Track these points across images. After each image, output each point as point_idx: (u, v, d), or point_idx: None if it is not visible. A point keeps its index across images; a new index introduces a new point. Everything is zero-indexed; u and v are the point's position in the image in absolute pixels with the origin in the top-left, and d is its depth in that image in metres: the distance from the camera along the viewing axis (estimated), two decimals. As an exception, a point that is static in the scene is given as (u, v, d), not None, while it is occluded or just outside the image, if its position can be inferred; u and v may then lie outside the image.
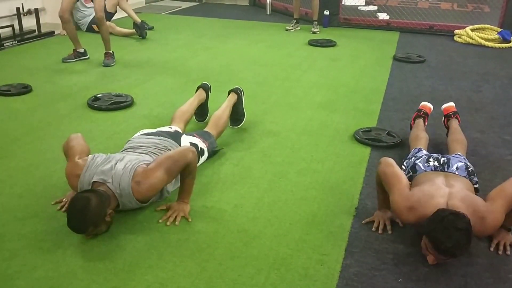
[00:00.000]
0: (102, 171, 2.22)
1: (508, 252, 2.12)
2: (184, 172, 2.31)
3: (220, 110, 3.13)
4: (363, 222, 2.30)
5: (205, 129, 2.98)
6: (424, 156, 2.46)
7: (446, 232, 1.88)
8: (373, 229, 2.25)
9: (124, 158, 2.30)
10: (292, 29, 6.63)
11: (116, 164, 2.25)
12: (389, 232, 2.23)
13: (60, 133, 3.20)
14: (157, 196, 2.40)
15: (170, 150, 2.48)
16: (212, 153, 2.90)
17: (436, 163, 2.36)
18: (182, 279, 1.92)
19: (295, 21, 6.67)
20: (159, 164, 2.22)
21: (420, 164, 2.40)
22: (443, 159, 2.38)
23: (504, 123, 3.59)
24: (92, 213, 2.04)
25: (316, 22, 6.49)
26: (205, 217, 2.33)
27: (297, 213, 2.38)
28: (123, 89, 4.09)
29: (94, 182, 2.20)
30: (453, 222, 1.89)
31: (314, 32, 6.41)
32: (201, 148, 2.74)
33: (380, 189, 2.30)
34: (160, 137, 2.60)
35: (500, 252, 2.12)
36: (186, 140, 2.69)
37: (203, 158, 2.77)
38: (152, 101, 3.89)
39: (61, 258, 2.02)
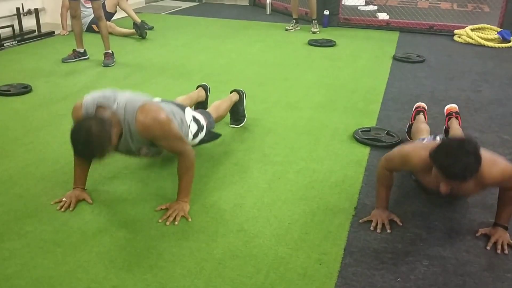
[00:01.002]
0: (107, 95, 2.24)
1: (506, 251, 2.13)
2: (182, 168, 2.32)
3: (220, 101, 3.16)
4: (360, 221, 2.31)
5: (205, 110, 3.01)
6: (430, 138, 2.48)
7: (453, 156, 1.86)
8: (371, 228, 2.25)
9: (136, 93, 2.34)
10: (292, 29, 6.63)
11: (124, 92, 2.29)
12: (388, 231, 2.23)
13: (59, 133, 3.20)
14: (152, 150, 2.39)
15: (174, 113, 2.50)
16: (210, 136, 2.88)
17: (443, 136, 2.39)
18: (181, 278, 1.93)
19: (294, 21, 6.67)
20: (167, 114, 2.29)
21: (427, 139, 2.41)
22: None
23: (504, 123, 3.59)
24: (96, 140, 2.03)
25: (316, 21, 6.48)
26: (205, 216, 2.34)
27: (296, 213, 2.39)
28: (122, 89, 4.08)
29: (99, 107, 2.20)
30: (460, 146, 1.88)
31: (313, 32, 6.40)
32: (201, 124, 2.75)
33: (380, 187, 2.31)
34: (165, 101, 2.63)
35: (499, 251, 2.12)
36: (189, 113, 2.71)
37: (201, 135, 2.77)
38: (152, 101, 3.89)
39: (61, 257, 2.03)
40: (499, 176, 2.04)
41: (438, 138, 2.43)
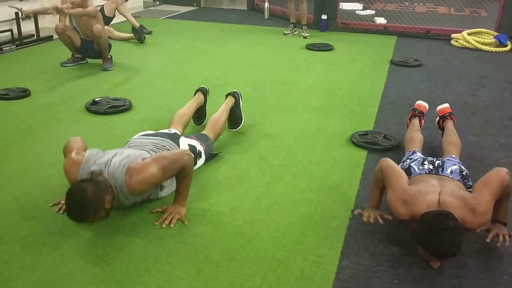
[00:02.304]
0: (100, 162, 2.25)
1: (507, 243, 2.13)
2: (180, 175, 2.32)
3: (218, 113, 3.15)
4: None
5: (202, 132, 3.00)
6: (419, 159, 2.48)
7: (437, 236, 1.91)
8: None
9: (123, 152, 2.33)
10: (290, 33, 6.66)
11: (114, 156, 2.27)
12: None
13: (58, 136, 3.21)
14: (153, 193, 2.42)
15: (169, 150, 2.50)
16: (210, 157, 2.91)
17: (431, 166, 2.38)
18: (179, 281, 1.94)
19: (292, 25, 6.70)
20: (154, 160, 2.24)
21: (415, 167, 2.41)
22: (437, 162, 2.40)
23: (500, 126, 3.61)
24: (90, 202, 2.05)
25: (306, 27, 6.52)
26: (202, 219, 2.35)
27: (294, 216, 2.40)
28: (121, 93, 4.11)
29: (93, 172, 2.22)
30: (440, 223, 1.92)
31: (304, 37, 6.42)
32: (198, 150, 2.76)
33: (375, 188, 2.32)
34: (159, 138, 2.62)
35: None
36: (184, 142, 2.71)
37: (200, 161, 2.79)
38: (150, 104, 3.91)
39: (59, 260, 2.04)
40: (484, 220, 2.07)
41: (426, 164, 2.41)
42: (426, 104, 3.31)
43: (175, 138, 2.69)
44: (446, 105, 3.28)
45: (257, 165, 2.91)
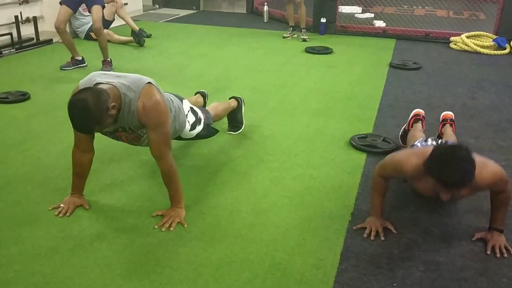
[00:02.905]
0: (105, 73, 2.23)
1: (506, 255, 2.14)
2: (165, 180, 2.33)
3: (218, 102, 3.21)
4: (354, 228, 2.31)
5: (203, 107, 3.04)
6: (421, 139, 2.49)
7: (449, 165, 1.86)
8: (365, 235, 2.25)
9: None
10: (289, 37, 6.67)
11: (123, 74, 2.27)
12: (382, 238, 2.24)
13: (58, 140, 3.21)
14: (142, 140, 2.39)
15: (172, 102, 2.49)
16: (208, 130, 2.89)
17: (434, 142, 2.39)
18: (178, 284, 1.94)
19: (291, 28, 6.72)
20: (166, 108, 2.27)
21: (418, 144, 2.43)
22: (440, 140, 2.41)
23: (499, 129, 3.62)
24: (93, 111, 2.00)
25: (305, 30, 6.53)
26: (202, 222, 2.35)
27: (293, 219, 2.40)
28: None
29: (98, 83, 2.17)
30: (453, 153, 1.89)
31: (304, 40, 6.43)
32: (199, 116, 2.77)
33: (375, 194, 2.32)
34: (166, 93, 2.61)
35: (498, 256, 2.14)
36: (187, 104, 2.71)
37: (198, 128, 2.77)
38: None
39: (59, 263, 2.04)
40: (491, 178, 2.06)
41: (429, 140, 2.43)
42: (422, 111, 3.35)
43: (179, 97, 2.70)
44: (451, 112, 3.30)
45: (256, 168, 2.91)
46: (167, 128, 2.29)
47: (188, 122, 2.64)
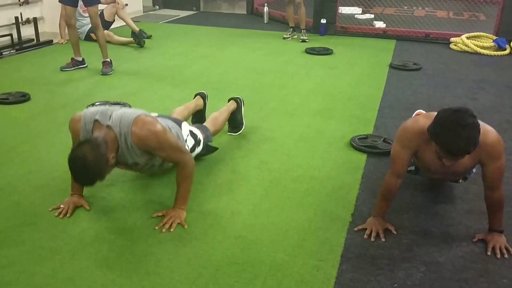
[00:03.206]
0: (101, 111, 2.24)
1: (506, 256, 2.14)
2: (180, 176, 2.34)
3: (218, 112, 3.18)
4: (355, 229, 2.31)
5: (203, 124, 3.02)
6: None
7: (454, 132, 1.83)
8: (365, 236, 2.25)
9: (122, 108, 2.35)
10: (289, 37, 6.68)
11: (115, 108, 2.30)
12: (382, 239, 2.24)
13: (58, 141, 3.21)
14: (148, 164, 2.40)
15: (171, 130, 2.51)
16: (207, 149, 2.90)
17: None
18: (179, 285, 1.93)
19: (291, 29, 6.72)
20: (163, 128, 2.30)
21: None
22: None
23: (499, 130, 3.55)
24: (93, 168, 2.06)
25: (305, 31, 6.53)
26: (202, 223, 2.35)
27: (294, 220, 2.40)
28: (121, 97, 4.11)
29: (96, 120, 2.22)
30: (457, 120, 1.85)
31: (303, 41, 6.43)
32: (198, 138, 2.77)
33: (382, 198, 2.30)
34: (162, 117, 2.65)
35: (498, 256, 2.13)
36: (186, 127, 2.72)
37: (198, 149, 2.78)
38: (150, 109, 3.86)
39: (59, 265, 2.04)
40: (493, 144, 2.04)
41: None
42: (424, 112, 3.34)
43: (177, 121, 2.71)
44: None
45: (257, 169, 2.91)
46: (171, 140, 2.33)
47: (188, 146, 2.66)
